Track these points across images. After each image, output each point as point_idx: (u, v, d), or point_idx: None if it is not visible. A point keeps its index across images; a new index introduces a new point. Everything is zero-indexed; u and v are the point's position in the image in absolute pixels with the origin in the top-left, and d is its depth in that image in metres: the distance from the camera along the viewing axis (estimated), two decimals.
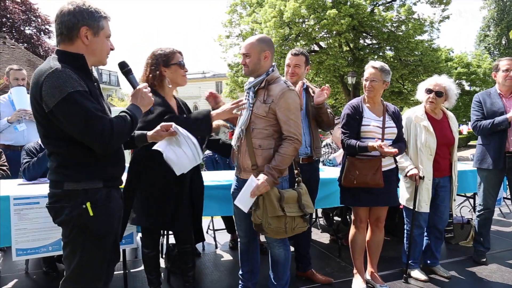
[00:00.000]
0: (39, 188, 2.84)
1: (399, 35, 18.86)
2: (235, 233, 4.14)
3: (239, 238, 2.79)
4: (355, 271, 3.13)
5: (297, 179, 2.55)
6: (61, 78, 1.59)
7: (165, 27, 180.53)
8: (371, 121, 2.92)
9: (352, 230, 3.08)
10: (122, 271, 3.14)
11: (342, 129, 2.97)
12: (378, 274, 3.18)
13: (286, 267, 2.60)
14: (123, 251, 3.10)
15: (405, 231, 3.37)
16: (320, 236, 4.65)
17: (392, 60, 19.60)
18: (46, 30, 20.82)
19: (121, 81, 41.35)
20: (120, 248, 2.91)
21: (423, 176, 3.13)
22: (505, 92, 3.56)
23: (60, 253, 2.67)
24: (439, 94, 3.20)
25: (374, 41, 20.49)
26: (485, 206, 3.65)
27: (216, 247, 4.25)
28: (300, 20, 18.57)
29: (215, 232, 4.36)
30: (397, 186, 3.11)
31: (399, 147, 2.92)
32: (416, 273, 3.32)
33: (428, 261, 3.47)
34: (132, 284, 3.22)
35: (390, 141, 2.90)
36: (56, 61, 1.66)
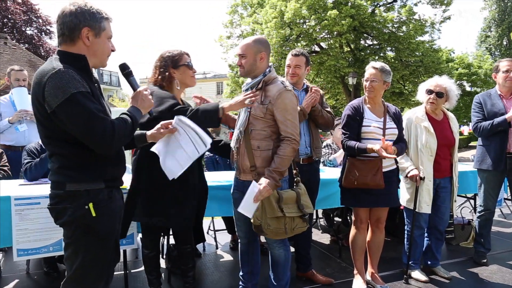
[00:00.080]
0: (40, 189, 2.84)
1: (400, 36, 18.87)
2: (236, 234, 4.13)
3: (239, 239, 2.78)
4: (356, 272, 3.13)
5: (296, 179, 2.54)
6: (64, 79, 1.59)
7: (165, 27, 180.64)
8: (372, 122, 2.92)
9: (353, 231, 3.08)
10: (123, 272, 3.14)
11: (343, 130, 2.97)
12: (379, 275, 3.18)
13: (286, 268, 2.60)
14: (124, 252, 3.11)
15: (406, 232, 3.37)
16: (321, 237, 4.65)
17: (393, 61, 19.61)
18: (47, 31, 20.88)
19: (122, 82, 41.42)
20: (121, 249, 2.94)
21: (424, 177, 3.13)
22: (506, 93, 3.55)
23: (61, 254, 2.68)
24: (440, 95, 3.20)
25: (375, 42, 20.50)
26: (486, 207, 3.65)
27: (217, 248, 4.26)
28: (301, 21, 18.59)
29: (216, 233, 4.37)
30: (398, 187, 3.10)
31: (400, 148, 2.92)
32: (417, 274, 3.32)
33: (429, 262, 3.47)
34: (133, 285, 3.23)
35: (391, 142, 2.90)
36: (59, 62, 1.66)
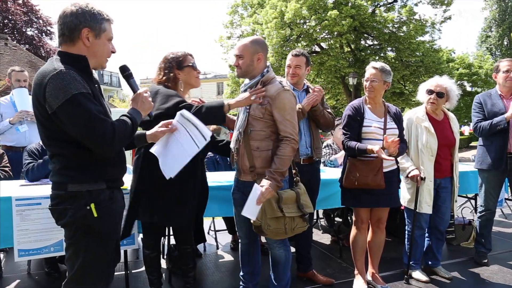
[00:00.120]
0: (41, 189, 2.84)
1: (401, 36, 18.88)
2: (236, 234, 4.14)
3: (240, 239, 2.78)
4: (356, 272, 3.13)
5: (295, 179, 2.54)
6: (66, 80, 1.59)
7: (165, 27, 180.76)
8: (373, 122, 2.92)
9: (353, 231, 3.08)
10: (124, 272, 3.15)
11: (343, 130, 2.97)
12: (379, 275, 3.18)
13: (287, 268, 2.60)
14: (125, 252, 3.12)
15: (406, 232, 3.37)
16: (321, 237, 4.65)
17: (394, 61, 19.61)
18: (48, 32, 20.92)
19: (122, 83, 41.46)
20: (122, 249, 2.95)
21: (424, 177, 3.13)
22: (506, 93, 3.55)
23: (62, 254, 2.68)
24: (440, 95, 3.20)
25: (375, 42, 20.50)
26: (486, 207, 3.65)
27: (217, 248, 4.26)
28: (301, 21, 18.60)
29: (216, 233, 4.38)
30: (398, 187, 3.10)
31: (401, 148, 2.92)
32: (417, 274, 3.32)
33: (429, 262, 3.47)
34: (134, 285, 3.23)
35: (398, 138, 2.88)
36: (60, 63, 1.67)
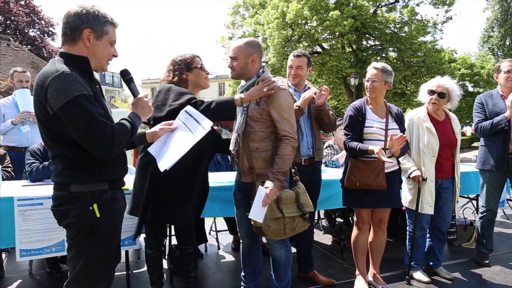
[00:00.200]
0: (43, 189, 2.85)
1: (402, 36, 18.86)
2: (238, 234, 4.14)
3: (241, 240, 2.79)
4: (357, 273, 3.13)
5: (295, 178, 2.53)
6: (68, 81, 1.59)
7: (165, 27, 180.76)
8: (374, 123, 2.92)
9: (355, 232, 3.08)
10: (125, 272, 3.15)
11: (345, 131, 2.97)
12: (380, 276, 3.17)
13: (288, 268, 2.60)
14: (126, 252, 3.13)
15: (408, 233, 3.37)
16: (322, 238, 4.65)
17: (395, 61, 19.60)
18: (50, 32, 20.96)
19: (124, 83, 41.58)
20: (123, 249, 2.96)
21: (426, 178, 3.12)
22: (507, 93, 3.53)
23: (64, 254, 2.69)
24: (442, 95, 3.19)
25: (377, 42, 20.48)
26: (488, 208, 3.64)
27: (219, 248, 4.26)
28: (303, 22, 18.61)
29: (218, 233, 4.38)
30: (400, 188, 3.10)
31: (402, 149, 2.92)
32: (419, 275, 3.31)
33: (431, 263, 3.46)
34: (135, 285, 3.23)
35: (405, 135, 2.87)
36: (62, 64, 1.67)
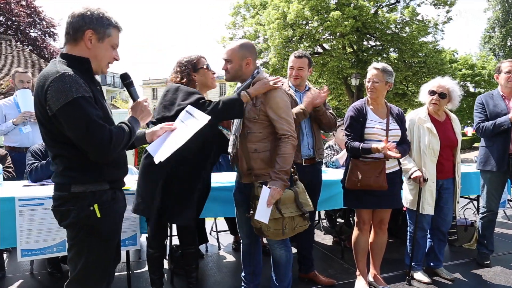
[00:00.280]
0: (44, 190, 2.86)
1: (403, 37, 18.85)
2: (238, 235, 4.14)
3: (241, 240, 2.79)
4: (358, 273, 3.13)
5: (294, 177, 2.52)
6: (67, 83, 1.60)
7: (165, 27, 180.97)
8: (375, 124, 2.92)
9: (355, 232, 3.08)
10: (126, 272, 3.16)
11: (346, 131, 2.97)
12: (381, 276, 3.17)
13: (288, 269, 2.60)
14: (127, 252, 3.13)
15: (408, 233, 3.37)
16: (323, 238, 4.65)
17: (396, 62, 19.59)
18: (51, 33, 20.98)
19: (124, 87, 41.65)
20: (124, 250, 2.96)
21: (427, 178, 3.12)
22: (508, 94, 3.54)
23: (65, 254, 2.70)
24: (443, 96, 3.19)
25: (378, 43, 20.47)
26: (489, 208, 3.64)
27: (219, 249, 4.27)
28: (304, 22, 18.61)
29: (218, 234, 4.38)
30: (401, 188, 3.09)
31: (403, 149, 2.92)
32: (419, 275, 3.31)
33: (431, 263, 3.46)
34: (136, 285, 3.24)
35: (394, 143, 2.89)
36: (63, 65, 1.68)
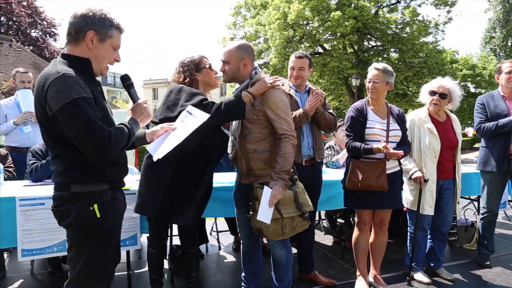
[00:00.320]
0: (45, 189, 2.86)
1: (404, 37, 18.84)
2: (238, 235, 4.15)
3: (242, 240, 2.80)
4: (358, 273, 3.13)
5: (293, 177, 2.52)
6: (67, 84, 1.60)
7: (165, 27, 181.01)
8: (376, 124, 2.92)
9: (356, 233, 3.08)
10: (126, 272, 3.16)
11: (346, 132, 2.97)
12: (381, 277, 3.17)
13: (288, 269, 2.60)
14: (127, 252, 3.13)
15: (409, 234, 3.36)
16: (323, 238, 4.65)
17: (397, 62, 19.57)
18: (52, 33, 21.01)
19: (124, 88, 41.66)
20: (124, 250, 2.96)
21: (428, 179, 3.12)
22: (508, 94, 3.54)
23: (65, 254, 2.70)
24: (443, 96, 3.19)
25: (379, 43, 20.46)
26: (489, 209, 3.64)
27: (220, 249, 4.27)
28: (304, 22, 18.60)
29: (219, 234, 4.38)
30: (401, 189, 3.09)
31: (404, 150, 2.91)
32: (419, 276, 3.31)
33: (432, 264, 3.46)
34: (136, 285, 3.24)
35: (395, 144, 2.89)
36: (63, 65, 1.68)
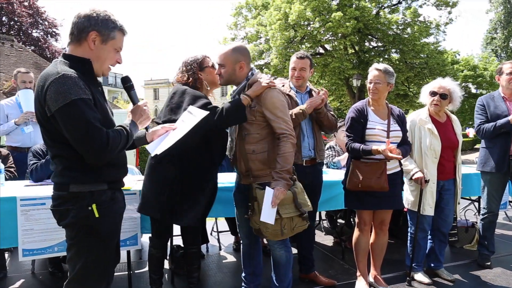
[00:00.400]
0: (45, 189, 2.87)
1: (405, 38, 18.80)
2: (239, 235, 4.15)
3: (241, 240, 2.80)
4: (359, 274, 3.13)
5: (293, 177, 2.51)
6: (67, 84, 1.60)
7: (165, 27, 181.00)
8: (376, 125, 2.92)
9: (356, 233, 3.08)
10: (127, 272, 3.16)
11: (347, 132, 2.97)
12: (382, 277, 3.17)
13: (288, 269, 2.60)
14: (128, 253, 3.14)
15: (409, 234, 3.37)
16: (324, 239, 4.65)
17: (398, 63, 19.53)
18: (53, 33, 21.01)
19: (124, 90, 41.63)
20: (125, 250, 2.97)
21: (428, 180, 3.12)
22: (509, 95, 3.54)
23: (66, 254, 2.71)
24: (444, 97, 3.19)
25: (380, 44, 20.42)
26: (489, 210, 3.64)
27: (220, 249, 4.27)
28: (305, 23, 18.58)
29: (219, 234, 4.39)
30: (402, 189, 3.09)
31: (404, 151, 2.92)
32: (420, 276, 3.31)
33: (432, 264, 3.46)
34: (136, 285, 3.24)
35: (395, 144, 2.90)
36: (64, 66, 1.68)
